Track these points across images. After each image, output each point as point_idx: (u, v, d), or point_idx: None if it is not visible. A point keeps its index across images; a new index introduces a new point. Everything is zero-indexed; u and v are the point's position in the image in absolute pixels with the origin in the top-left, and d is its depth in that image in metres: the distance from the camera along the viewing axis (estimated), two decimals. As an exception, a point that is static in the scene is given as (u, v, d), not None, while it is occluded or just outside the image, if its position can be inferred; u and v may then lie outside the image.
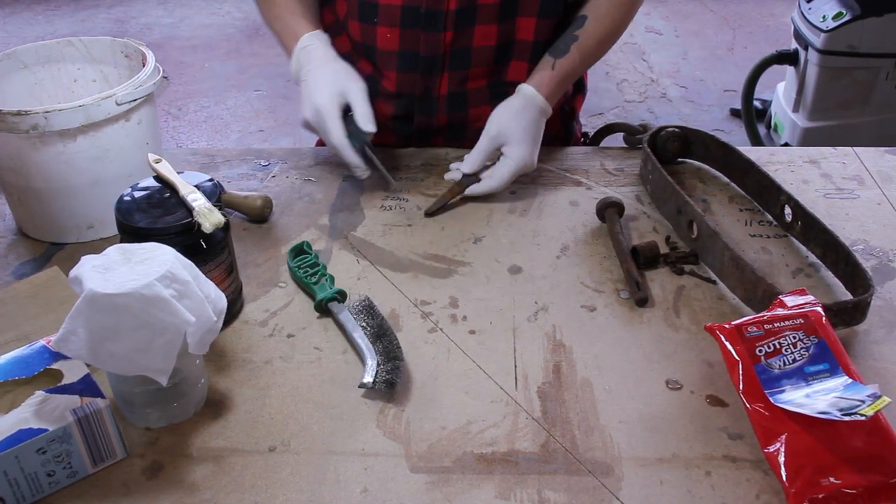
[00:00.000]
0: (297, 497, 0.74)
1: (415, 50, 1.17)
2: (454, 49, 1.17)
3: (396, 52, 1.19)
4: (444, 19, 1.14)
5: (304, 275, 0.98)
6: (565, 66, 1.15)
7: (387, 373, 0.84)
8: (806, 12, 2.83)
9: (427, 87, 1.21)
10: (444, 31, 1.15)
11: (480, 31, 1.16)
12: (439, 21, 1.14)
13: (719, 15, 4.58)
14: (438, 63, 1.18)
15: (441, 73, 1.20)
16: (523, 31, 1.18)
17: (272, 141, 3.46)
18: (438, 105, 1.23)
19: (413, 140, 1.29)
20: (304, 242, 1.04)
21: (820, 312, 0.81)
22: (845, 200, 1.14)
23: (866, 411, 0.69)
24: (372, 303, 0.92)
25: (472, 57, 1.19)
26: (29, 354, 0.79)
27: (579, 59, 1.17)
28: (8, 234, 1.11)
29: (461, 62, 1.19)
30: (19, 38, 4.39)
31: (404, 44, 1.18)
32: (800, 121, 2.92)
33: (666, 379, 0.85)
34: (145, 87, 1.05)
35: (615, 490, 0.74)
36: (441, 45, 1.16)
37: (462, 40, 1.17)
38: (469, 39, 1.17)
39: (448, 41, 1.16)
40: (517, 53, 1.20)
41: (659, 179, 1.11)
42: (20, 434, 0.71)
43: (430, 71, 1.19)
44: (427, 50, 1.17)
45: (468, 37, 1.17)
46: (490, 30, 1.16)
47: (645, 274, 1.00)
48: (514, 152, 1.12)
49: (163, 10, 4.79)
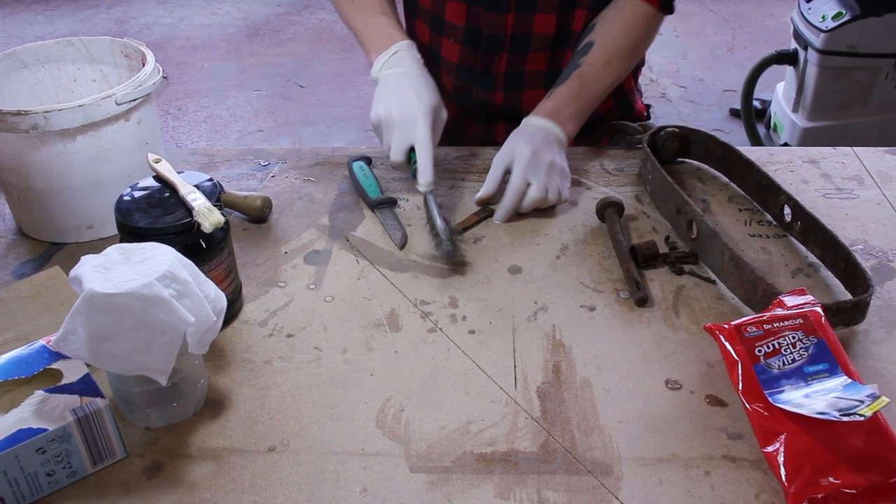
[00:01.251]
0: (297, 497, 0.74)
1: (478, 27, 1.24)
2: (515, 32, 1.23)
3: (462, 27, 1.25)
4: (505, 2, 1.20)
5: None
6: (562, 93, 1.17)
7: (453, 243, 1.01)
8: (805, 12, 2.83)
9: (486, 64, 1.27)
10: (506, 12, 1.21)
11: (540, 19, 1.22)
12: (501, 3, 1.20)
13: (719, 15, 4.58)
14: (499, 43, 1.24)
15: (500, 52, 1.25)
16: (577, 22, 1.23)
17: (272, 141, 3.46)
18: (496, 82, 1.29)
19: (472, 116, 1.36)
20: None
21: (819, 312, 0.81)
22: (845, 200, 1.14)
23: (865, 412, 0.69)
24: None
25: (532, 42, 1.24)
26: (29, 354, 0.79)
27: (578, 86, 1.17)
28: (8, 234, 1.11)
29: (520, 45, 1.24)
30: (19, 38, 4.39)
31: (470, 20, 1.24)
32: (799, 121, 2.92)
33: (665, 379, 0.85)
34: (145, 87, 1.05)
35: (615, 490, 0.74)
36: (503, 26, 1.22)
37: (523, 25, 1.22)
38: (530, 25, 1.22)
39: (510, 23, 1.22)
40: (573, 43, 1.25)
41: (658, 179, 1.11)
42: (20, 434, 0.71)
43: (491, 49, 1.25)
44: (489, 29, 1.23)
45: (529, 23, 1.22)
46: (549, 19, 1.22)
47: (644, 274, 1.00)
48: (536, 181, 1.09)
49: (163, 10, 4.79)
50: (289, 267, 1.03)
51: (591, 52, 1.18)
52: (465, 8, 1.23)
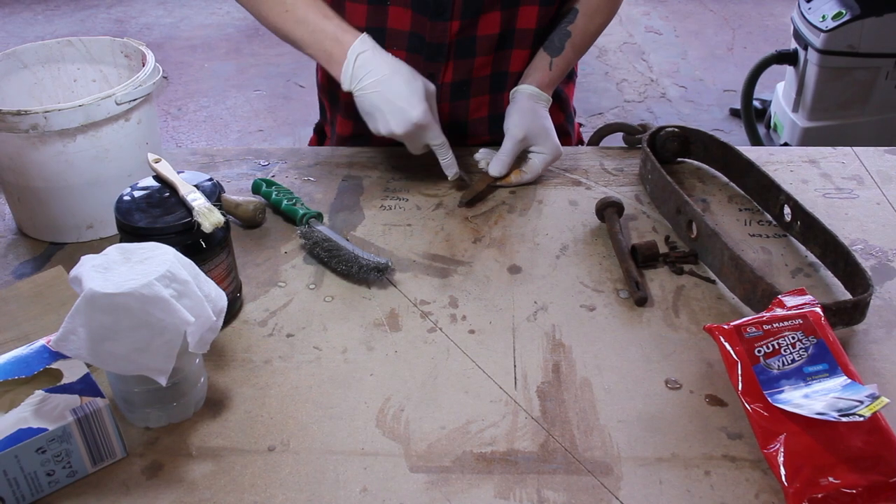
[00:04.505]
0: (297, 497, 0.74)
1: (422, 34, 1.19)
2: (460, 38, 1.19)
3: (408, 33, 1.19)
4: (451, 8, 1.15)
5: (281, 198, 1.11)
6: (561, 65, 1.20)
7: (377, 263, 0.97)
8: (806, 12, 2.83)
9: (430, 74, 1.20)
10: (451, 20, 1.16)
11: (485, 19, 1.18)
12: (446, 11, 1.15)
13: (719, 15, 4.58)
14: (443, 52, 1.20)
15: (446, 61, 1.21)
16: (524, 19, 1.20)
17: (272, 141, 3.46)
18: (441, 93, 1.23)
19: None
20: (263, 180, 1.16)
21: (819, 313, 0.81)
22: (845, 200, 1.14)
23: (864, 412, 0.69)
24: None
25: (477, 46, 1.20)
26: (29, 354, 0.79)
27: (573, 55, 1.22)
28: (8, 233, 1.11)
29: (466, 51, 1.21)
30: (19, 38, 4.39)
31: (415, 26, 1.19)
32: (799, 121, 2.92)
33: (665, 378, 0.85)
34: (145, 86, 1.05)
35: (614, 490, 0.74)
36: (447, 33, 1.18)
37: (468, 29, 1.18)
38: (474, 28, 1.18)
39: (454, 30, 1.18)
40: (518, 42, 1.22)
41: (658, 179, 1.11)
42: (20, 433, 0.71)
43: (435, 58, 1.20)
44: (433, 37, 1.18)
45: (473, 26, 1.18)
46: (494, 17, 1.18)
47: (644, 274, 1.00)
48: (546, 147, 1.17)
49: (163, 10, 4.79)
50: (288, 267, 1.03)
51: (577, 21, 1.20)
52: (410, 14, 1.17)
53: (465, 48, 1.20)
